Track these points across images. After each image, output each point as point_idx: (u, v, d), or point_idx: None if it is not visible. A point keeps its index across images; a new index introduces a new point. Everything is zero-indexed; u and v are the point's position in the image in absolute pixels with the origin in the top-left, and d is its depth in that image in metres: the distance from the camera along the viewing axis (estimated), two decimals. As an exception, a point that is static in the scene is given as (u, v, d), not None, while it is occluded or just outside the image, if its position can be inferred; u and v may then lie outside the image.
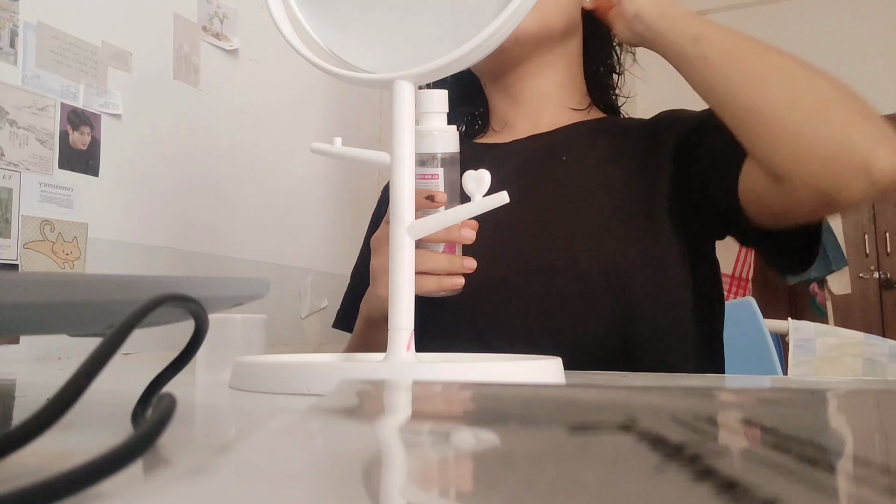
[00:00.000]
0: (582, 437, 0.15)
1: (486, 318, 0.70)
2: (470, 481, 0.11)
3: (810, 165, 0.57)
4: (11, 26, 0.92)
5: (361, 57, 0.49)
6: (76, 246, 0.99)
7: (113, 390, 0.42)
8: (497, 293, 0.70)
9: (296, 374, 0.40)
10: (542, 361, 0.45)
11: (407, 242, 0.46)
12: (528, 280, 0.69)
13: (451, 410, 0.20)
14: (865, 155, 0.55)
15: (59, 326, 0.29)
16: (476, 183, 0.46)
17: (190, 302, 0.24)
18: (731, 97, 0.61)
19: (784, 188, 0.59)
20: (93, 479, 0.14)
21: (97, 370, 0.18)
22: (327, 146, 0.49)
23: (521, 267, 0.70)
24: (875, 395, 0.25)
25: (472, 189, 0.46)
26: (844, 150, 0.56)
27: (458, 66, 0.45)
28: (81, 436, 0.27)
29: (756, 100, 0.59)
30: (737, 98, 0.60)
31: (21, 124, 0.93)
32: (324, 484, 0.11)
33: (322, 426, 0.17)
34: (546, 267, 0.69)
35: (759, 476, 0.11)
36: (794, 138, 0.57)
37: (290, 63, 1.43)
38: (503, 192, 0.45)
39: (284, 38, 0.49)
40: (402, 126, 0.46)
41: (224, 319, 0.55)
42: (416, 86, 0.47)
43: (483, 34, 0.44)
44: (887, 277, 4.04)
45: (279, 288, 1.39)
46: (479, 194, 0.46)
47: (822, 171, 0.56)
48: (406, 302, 0.45)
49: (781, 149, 0.58)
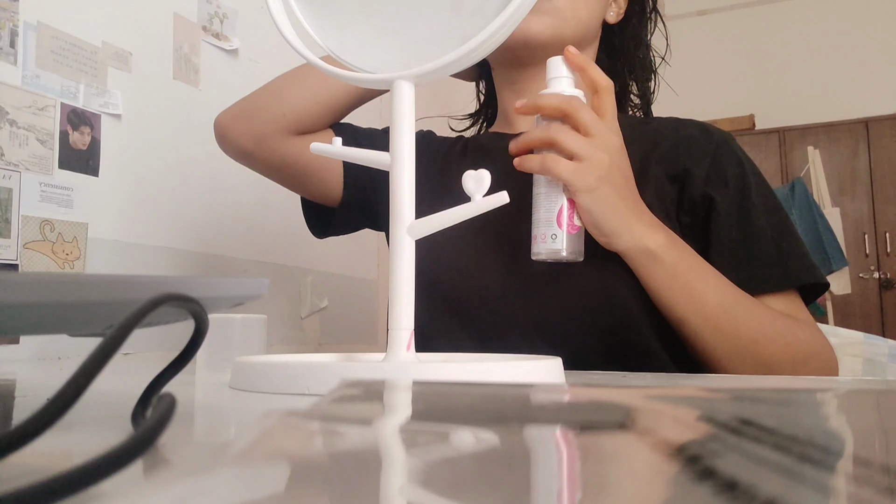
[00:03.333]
0: (582, 437, 0.15)
1: (486, 319, 0.70)
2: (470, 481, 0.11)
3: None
4: (11, 26, 0.92)
5: (361, 57, 0.49)
6: (76, 246, 0.99)
7: (113, 390, 0.42)
8: (497, 293, 0.70)
9: (296, 373, 0.40)
10: (542, 361, 0.45)
11: (407, 242, 0.45)
12: (528, 284, 0.69)
13: (451, 410, 0.20)
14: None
15: (59, 326, 0.29)
16: (476, 183, 0.45)
17: (190, 302, 0.24)
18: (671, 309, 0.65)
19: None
20: (93, 479, 0.14)
21: (97, 370, 0.18)
22: (327, 146, 0.49)
23: (519, 270, 0.70)
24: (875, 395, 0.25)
25: (471, 189, 0.45)
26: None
27: (459, 66, 0.45)
28: (81, 436, 0.27)
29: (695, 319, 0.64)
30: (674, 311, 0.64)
31: (21, 124, 0.93)
32: (324, 484, 0.11)
33: (322, 426, 0.17)
34: (545, 274, 0.68)
35: (759, 476, 0.11)
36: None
37: (291, 63, 1.43)
38: (503, 192, 0.44)
39: (284, 37, 0.49)
40: (402, 126, 0.46)
41: (224, 319, 0.55)
42: (415, 86, 0.47)
43: (483, 34, 0.44)
44: (887, 277, 4.04)
45: (279, 288, 1.39)
46: (479, 194, 0.45)
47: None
48: (406, 302, 0.45)
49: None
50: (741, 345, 0.62)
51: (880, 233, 4.10)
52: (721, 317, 0.62)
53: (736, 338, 0.62)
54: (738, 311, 0.63)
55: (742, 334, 0.62)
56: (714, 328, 0.62)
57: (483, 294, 0.71)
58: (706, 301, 0.63)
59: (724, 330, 0.62)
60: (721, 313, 0.62)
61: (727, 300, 0.63)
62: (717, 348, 0.63)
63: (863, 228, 4.12)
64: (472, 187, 0.45)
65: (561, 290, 0.68)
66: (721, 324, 0.62)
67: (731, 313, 0.63)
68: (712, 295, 0.63)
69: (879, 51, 4.38)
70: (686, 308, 0.63)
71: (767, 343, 0.63)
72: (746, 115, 4.42)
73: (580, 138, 0.60)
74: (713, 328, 0.62)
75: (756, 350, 0.62)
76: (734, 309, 0.63)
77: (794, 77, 4.51)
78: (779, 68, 4.55)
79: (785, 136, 4.34)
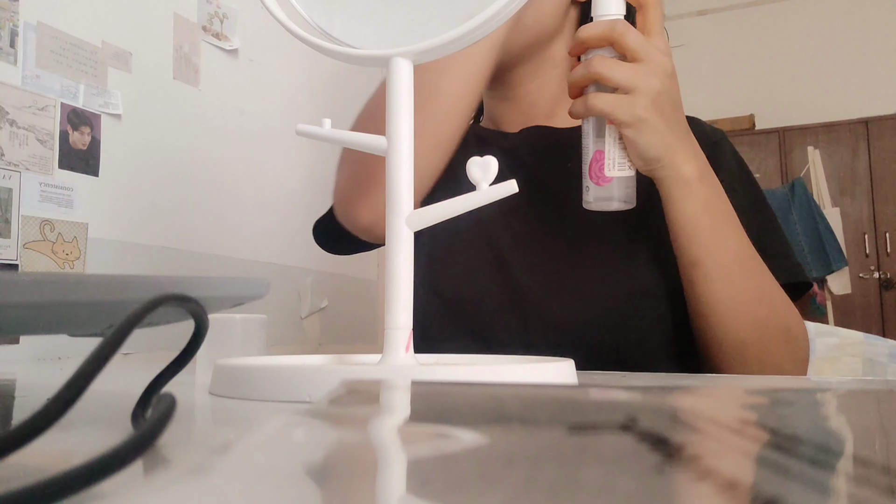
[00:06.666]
0: (582, 437, 0.15)
1: (485, 319, 0.70)
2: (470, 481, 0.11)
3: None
4: (11, 26, 0.92)
5: (354, 33, 0.46)
6: (76, 246, 0.99)
7: (113, 390, 0.42)
8: (493, 292, 0.70)
9: (292, 378, 0.37)
10: (554, 364, 0.42)
11: (405, 234, 0.42)
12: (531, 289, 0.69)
13: (451, 410, 0.20)
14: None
15: (59, 326, 0.29)
16: (482, 170, 0.42)
17: (190, 302, 0.24)
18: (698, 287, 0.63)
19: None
20: (93, 479, 0.14)
21: (97, 370, 0.18)
22: (315, 128, 0.44)
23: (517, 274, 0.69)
24: (875, 395, 0.25)
25: (477, 177, 0.42)
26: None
27: (460, 45, 0.42)
28: (81, 436, 0.27)
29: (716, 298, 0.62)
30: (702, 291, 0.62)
31: (21, 124, 0.93)
32: (324, 484, 0.11)
33: (322, 426, 0.17)
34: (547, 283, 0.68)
35: (759, 476, 0.11)
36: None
37: (290, 63, 1.43)
38: (512, 180, 0.41)
39: (268, 10, 0.46)
40: (399, 107, 0.43)
41: (224, 319, 0.54)
42: (413, 64, 0.44)
43: (488, 11, 0.41)
44: (887, 277, 4.04)
45: (279, 288, 1.39)
46: (485, 182, 0.41)
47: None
48: (404, 299, 0.42)
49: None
50: (744, 300, 0.60)
51: (880, 233, 4.10)
52: (734, 266, 0.60)
53: (742, 292, 0.60)
54: (750, 265, 0.61)
55: (749, 290, 0.60)
56: (726, 277, 0.60)
57: (483, 294, 0.71)
58: (725, 246, 0.60)
59: (734, 281, 0.60)
60: (735, 262, 0.60)
61: (744, 251, 0.61)
62: (722, 300, 0.60)
63: (863, 228, 4.12)
64: (477, 175, 0.42)
65: (567, 295, 0.67)
66: (732, 274, 0.60)
67: (745, 266, 0.60)
68: (732, 242, 0.60)
69: (879, 51, 4.37)
70: (703, 249, 0.60)
71: (768, 307, 0.61)
72: (746, 115, 4.42)
73: (625, 67, 0.56)
74: (725, 277, 0.60)
75: (755, 311, 0.60)
76: (748, 262, 0.61)
77: (794, 77, 4.51)
78: (779, 68, 4.55)
79: (785, 136, 4.34)
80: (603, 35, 0.56)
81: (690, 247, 0.60)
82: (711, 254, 0.60)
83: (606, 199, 0.58)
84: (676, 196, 0.60)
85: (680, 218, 0.60)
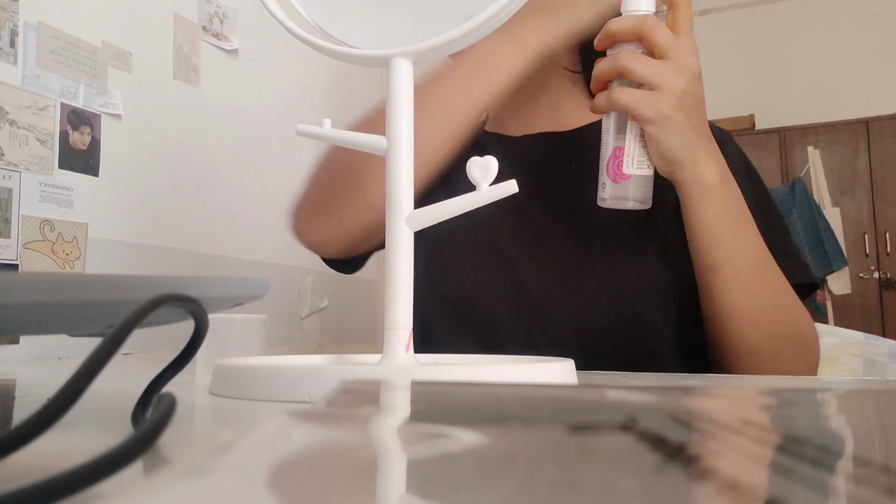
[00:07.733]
0: (582, 437, 0.15)
1: (488, 318, 0.70)
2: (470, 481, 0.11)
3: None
4: (11, 26, 0.92)
5: (354, 33, 0.45)
6: (76, 246, 0.99)
7: (113, 390, 0.42)
8: (498, 295, 0.70)
9: (292, 378, 0.38)
10: (554, 364, 0.42)
11: (405, 234, 0.42)
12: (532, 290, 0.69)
13: (451, 410, 0.20)
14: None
15: (59, 326, 0.29)
16: (482, 170, 0.42)
17: (190, 302, 0.24)
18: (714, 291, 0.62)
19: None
20: (93, 479, 0.14)
21: (97, 370, 0.18)
22: (315, 128, 0.44)
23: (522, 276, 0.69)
24: (875, 395, 0.25)
25: (477, 177, 0.42)
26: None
27: (460, 45, 0.42)
28: (81, 436, 0.27)
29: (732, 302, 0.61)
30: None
31: (21, 124, 0.93)
32: (324, 484, 0.11)
33: (322, 426, 0.17)
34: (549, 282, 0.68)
35: (759, 476, 0.11)
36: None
37: (290, 63, 1.43)
38: (512, 181, 0.41)
39: (268, 10, 0.46)
40: (399, 107, 0.42)
41: (224, 319, 0.54)
42: (414, 64, 0.43)
43: (489, 10, 0.40)
44: (887, 277, 4.04)
45: (279, 288, 1.39)
46: (485, 182, 0.41)
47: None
48: (404, 298, 0.42)
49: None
50: (761, 307, 0.60)
51: (880, 233, 4.10)
52: (752, 272, 0.60)
53: (760, 298, 0.60)
54: (768, 271, 0.60)
55: (766, 296, 0.60)
56: (744, 283, 0.59)
57: (483, 294, 0.71)
58: (744, 252, 0.59)
59: (752, 287, 0.59)
60: (754, 268, 0.60)
61: (762, 257, 0.60)
62: (740, 306, 0.60)
63: (863, 228, 4.12)
64: (477, 175, 0.42)
65: (573, 298, 0.67)
66: (751, 279, 0.59)
67: (763, 272, 0.60)
68: (751, 247, 0.60)
69: (879, 51, 4.38)
70: (723, 254, 0.59)
71: (784, 313, 0.61)
72: (746, 115, 4.42)
73: (652, 63, 0.55)
74: (743, 283, 0.59)
75: (771, 318, 0.60)
76: (766, 268, 0.60)
77: (794, 77, 4.51)
78: (779, 68, 4.55)
79: (785, 135, 4.34)
80: (633, 29, 0.56)
81: (709, 252, 0.60)
82: (731, 259, 0.59)
83: (622, 197, 0.58)
84: (697, 200, 0.59)
85: (700, 223, 0.59)
